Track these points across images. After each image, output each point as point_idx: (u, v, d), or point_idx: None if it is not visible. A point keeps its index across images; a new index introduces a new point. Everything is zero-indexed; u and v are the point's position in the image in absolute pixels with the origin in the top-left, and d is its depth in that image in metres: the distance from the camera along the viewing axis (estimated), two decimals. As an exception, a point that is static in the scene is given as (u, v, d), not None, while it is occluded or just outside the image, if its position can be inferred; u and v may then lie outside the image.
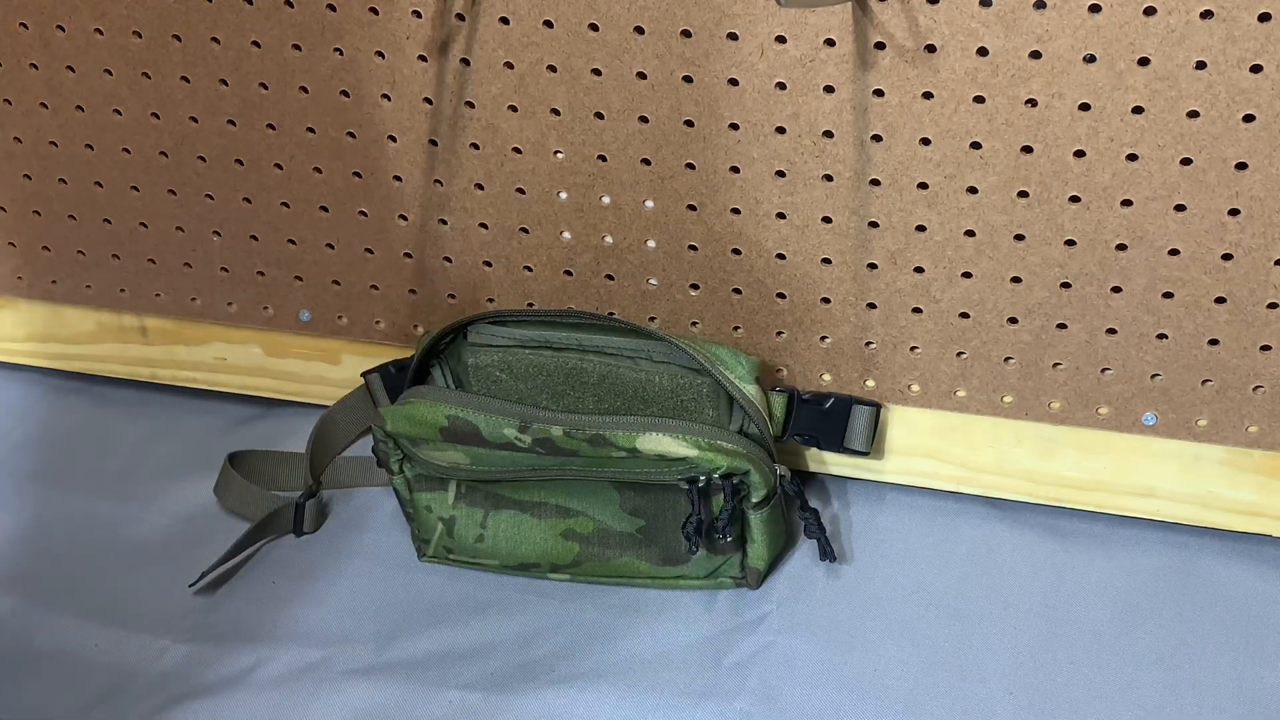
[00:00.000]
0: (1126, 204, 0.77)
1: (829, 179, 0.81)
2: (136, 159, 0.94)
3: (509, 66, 0.82)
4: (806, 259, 0.85)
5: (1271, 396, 0.82)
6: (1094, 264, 0.80)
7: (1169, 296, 0.80)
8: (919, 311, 0.85)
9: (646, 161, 0.84)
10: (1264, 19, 0.69)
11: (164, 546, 0.94)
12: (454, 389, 0.87)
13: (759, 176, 0.82)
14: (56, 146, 0.95)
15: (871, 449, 0.89)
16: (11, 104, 0.94)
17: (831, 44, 0.76)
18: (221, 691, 0.83)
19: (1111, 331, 0.82)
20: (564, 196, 0.87)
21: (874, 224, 0.82)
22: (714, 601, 0.87)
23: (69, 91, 0.92)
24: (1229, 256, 0.77)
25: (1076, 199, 0.77)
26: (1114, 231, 0.78)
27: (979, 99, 0.75)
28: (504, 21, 0.81)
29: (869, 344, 0.87)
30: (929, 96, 0.76)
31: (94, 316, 1.04)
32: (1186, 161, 0.74)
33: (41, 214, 0.99)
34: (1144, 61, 0.72)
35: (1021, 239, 0.80)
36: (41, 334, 1.06)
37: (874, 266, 0.84)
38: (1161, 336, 0.81)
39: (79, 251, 1.00)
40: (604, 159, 0.85)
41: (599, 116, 0.83)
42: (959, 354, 0.86)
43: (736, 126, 0.81)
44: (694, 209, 0.85)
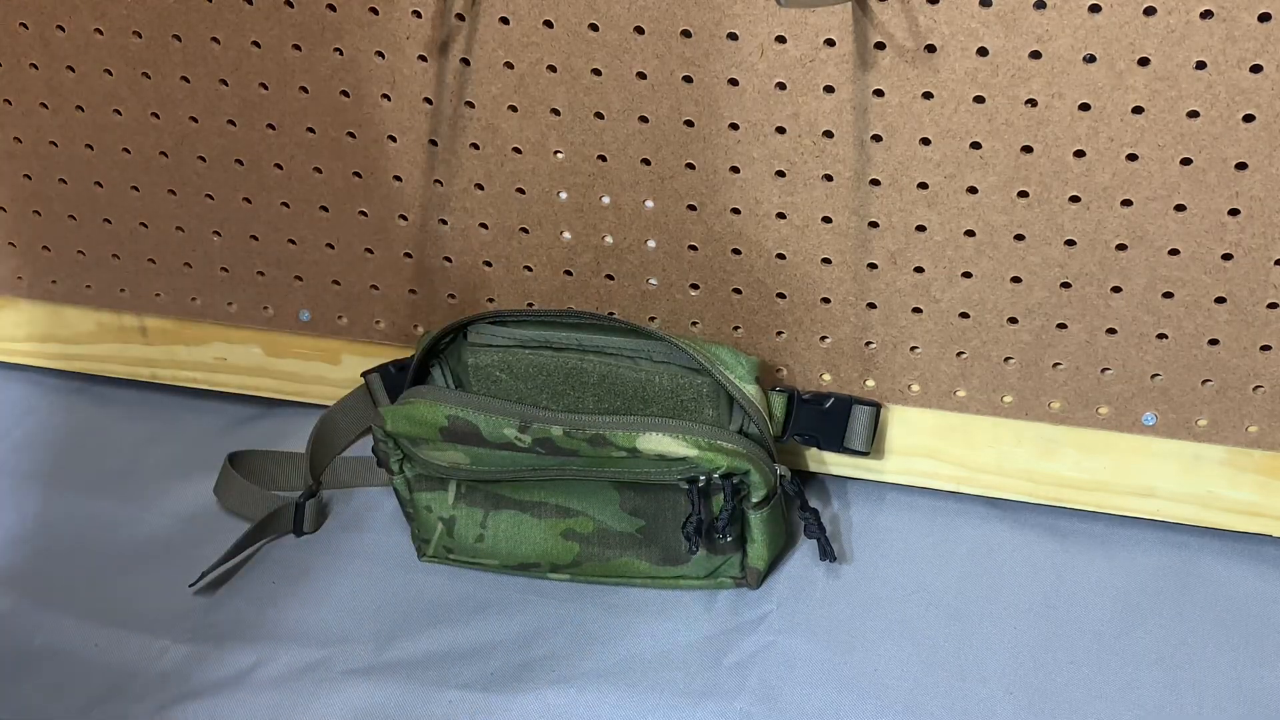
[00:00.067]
0: (1126, 204, 0.77)
1: (829, 179, 0.81)
2: (136, 159, 0.94)
3: (509, 66, 0.82)
4: (806, 259, 0.85)
5: (1271, 396, 0.82)
6: (1094, 264, 0.80)
7: (1169, 296, 0.80)
8: (919, 311, 0.85)
9: (646, 161, 0.84)
10: (1264, 19, 0.69)
11: (164, 546, 0.94)
12: (454, 389, 0.87)
13: (759, 176, 0.82)
14: (56, 146, 0.95)
15: (871, 449, 0.89)
16: (11, 104, 0.94)
17: (831, 44, 0.76)
18: (221, 691, 0.83)
19: (1111, 331, 0.82)
20: (564, 196, 0.87)
21: (874, 224, 0.82)
22: (714, 601, 0.87)
23: (69, 91, 0.92)
24: (1229, 256, 0.77)
25: (1076, 199, 0.77)
26: (1114, 231, 0.78)
27: (979, 99, 0.75)
28: (504, 21, 0.81)
29: (869, 344, 0.87)
30: (929, 96, 0.76)
31: (94, 316, 1.03)
32: (1186, 161, 0.74)
33: (41, 214, 0.99)
34: (1144, 61, 0.72)
35: (1021, 239, 0.80)
36: (41, 334, 1.06)
37: (874, 266, 0.84)
38: (1161, 336, 0.81)
39: (79, 251, 1.00)
40: (604, 159, 0.85)
41: (599, 116, 0.83)
42: (959, 354, 0.86)
43: (736, 126, 0.81)
44: (694, 209, 0.85)
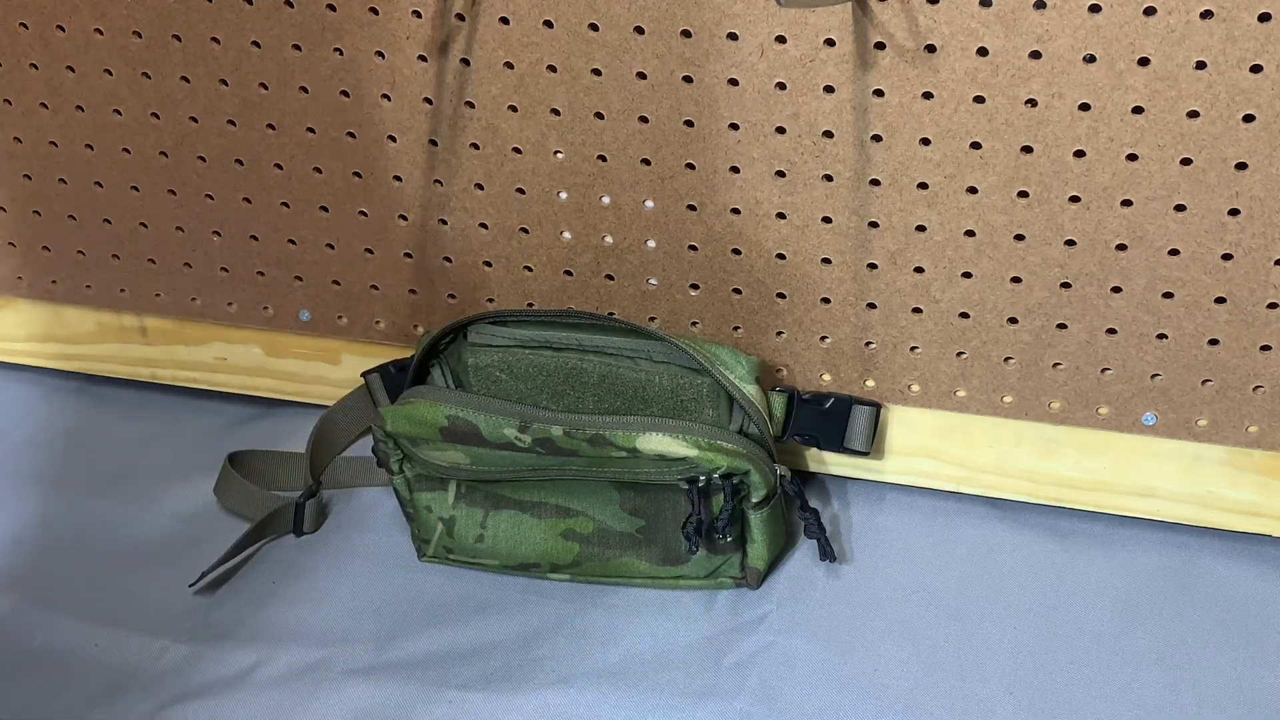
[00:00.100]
0: (1126, 204, 0.77)
1: (829, 179, 0.81)
2: (136, 159, 0.94)
3: (509, 66, 0.82)
4: (806, 259, 0.85)
5: (1271, 396, 0.82)
6: (1094, 264, 0.80)
7: (1169, 296, 0.80)
8: (919, 311, 0.85)
9: (646, 161, 0.84)
10: (1264, 19, 0.69)
11: (164, 546, 0.94)
12: (454, 389, 0.87)
13: (759, 176, 0.82)
14: (56, 146, 0.95)
15: (871, 449, 0.89)
16: (11, 104, 0.94)
17: (831, 44, 0.76)
18: (221, 691, 0.83)
19: (1111, 331, 0.82)
20: (564, 196, 0.87)
21: (874, 224, 0.82)
22: (714, 601, 0.87)
23: (69, 91, 0.92)
24: (1229, 256, 0.77)
25: (1076, 199, 0.77)
26: (1114, 231, 0.78)
27: (979, 99, 0.75)
28: (504, 21, 0.81)
29: (869, 344, 0.87)
30: (929, 96, 0.76)
31: (94, 316, 1.03)
32: (1186, 161, 0.74)
33: (41, 214, 0.99)
34: (1144, 61, 0.72)
35: (1021, 239, 0.80)
36: (41, 334, 1.06)
37: (874, 266, 0.84)
38: (1161, 336, 0.81)
39: (79, 251, 1.00)
40: (604, 159, 0.85)
41: (599, 116, 0.83)
42: (959, 354, 0.86)
43: (736, 126, 0.81)
44: (694, 209, 0.85)
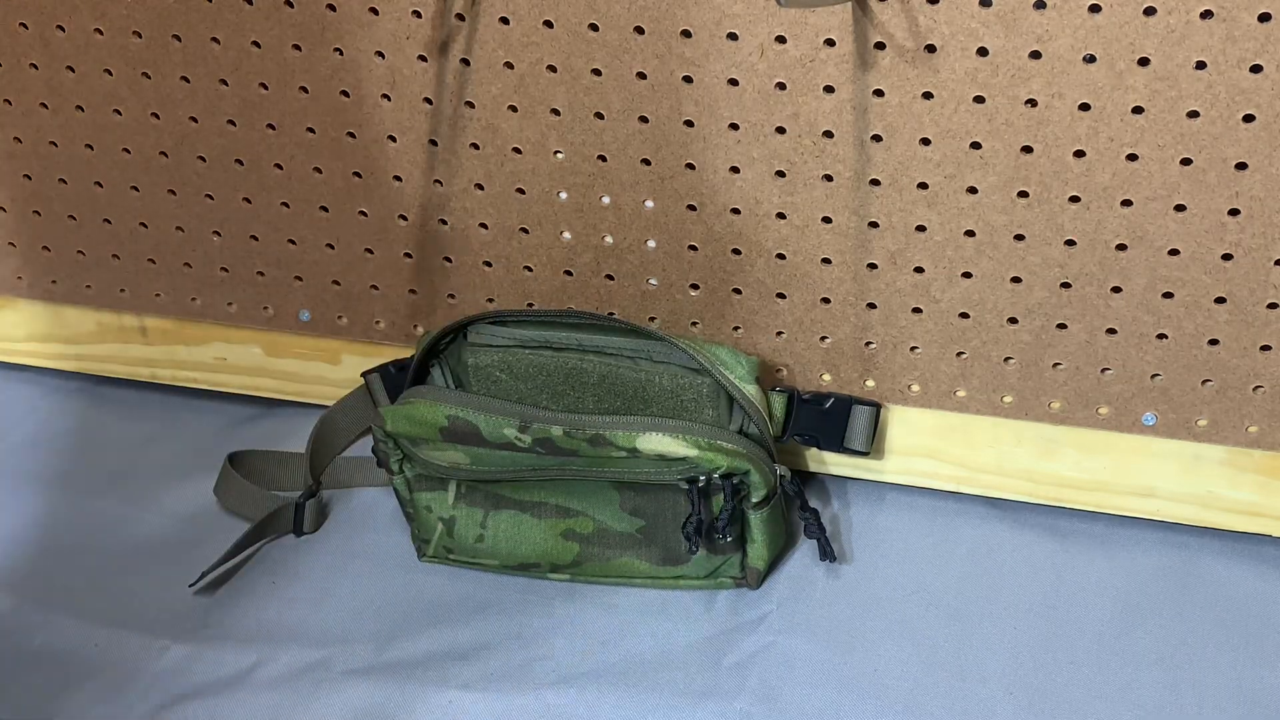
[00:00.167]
0: (1126, 204, 0.77)
1: (829, 179, 0.81)
2: (136, 159, 0.94)
3: (509, 66, 0.82)
4: (806, 259, 0.85)
5: (1271, 396, 0.82)
6: (1094, 264, 0.80)
7: (1169, 296, 0.80)
8: (919, 311, 0.85)
9: (646, 161, 0.84)
10: (1264, 19, 0.69)
11: (164, 546, 0.94)
12: (454, 389, 0.87)
13: (759, 176, 0.82)
14: (56, 146, 0.95)
15: (871, 449, 0.89)
16: (11, 104, 0.94)
17: (831, 44, 0.76)
18: (221, 691, 0.83)
19: (1111, 331, 0.82)
20: (564, 196, 0.87)
21: (874, 224, 0.82)
22: (714, 601, 0.87)
23: (69, 91, 0.92)
24: (1229, 256, 0.77)
25: (1076, 199, 0.77)
26: (1114, 231, 0.78)
27: (979, 99, 0.75)
28: (504, 21, 0.81)
29: (869, 344, 0.87)
30: (929, 96, 0.76)
31: (94, 316, 1.03)
32: (1186, 161, 0.74)
33: (41, 214, 0.99)
34: (1144, 61, 0.72)
35: (1021, 239, 0.80)
36: (41, 334, 1.06)
37: (874, 266, 0.84)
38: (1161, 336, 0.81)
39: (79, 251, 1.00)
40: (604, 159, 0.85)
41: (599, 116, 0.83)
42: (959, 354, 0.86)
43: (736, 126, 0.81)
44: (694, 209, 0.85)
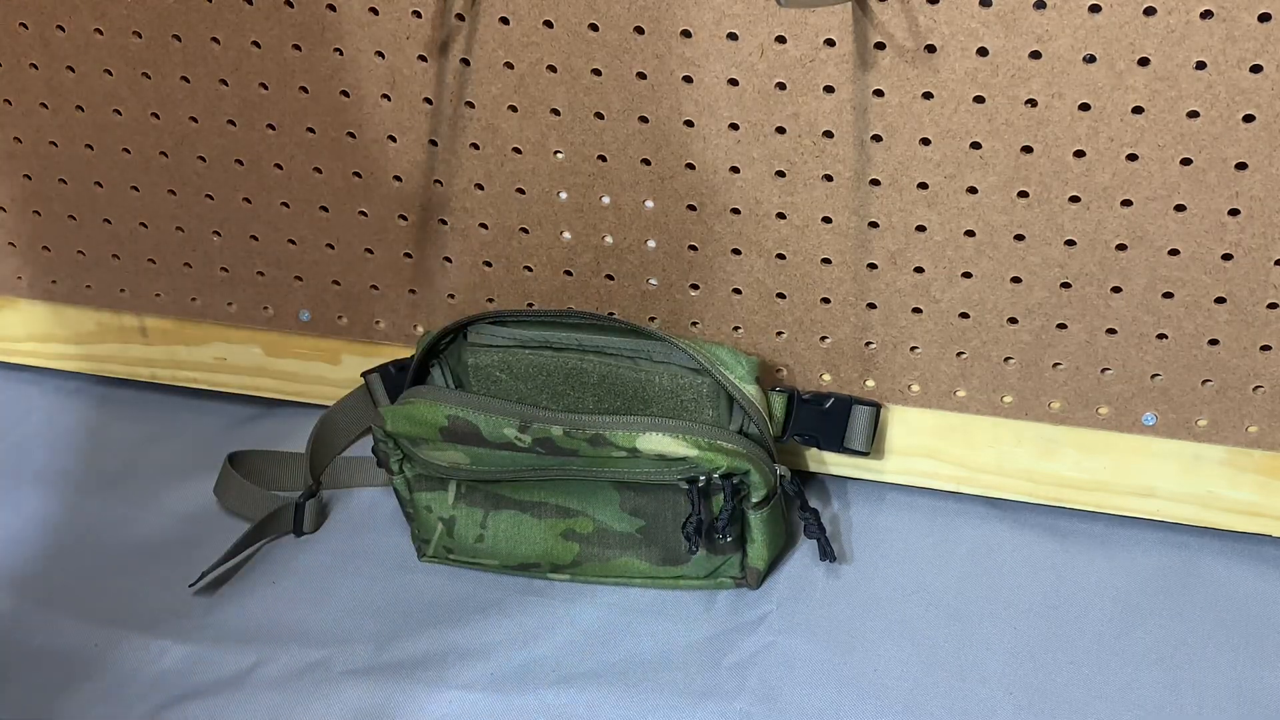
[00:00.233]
0: (1126, 204, 0.77)
1: (829, 179, 0.81)
2: (136, 159, 0.94)
3: (509, 66, 0.82)
4: (806, 259, 0.85)
5: (1271, 396, 0.82)
6: (1094, 264, 0.80)
7: (1169, 296, 0.80)
8: (919, 311, 0.85)
9: (646, 161, 0.84)
10: (1264, 19, 0.69)
11: (164, 546, 0.94)
12: (454, 389, 0.87)
13: (759, 176, 0.82)
14: (56, 146, 0.95)
15: (871, 449, 0.89)
16: (11, 104, 0.94)
17: (831, 44, 0.76)
18: (221, 691, 0.83)
19: (1111, 331, 0.82)
20: (564, 196, 0.87)
21: (874, 224, 0.82)
22: (714, 601, 0.87)
23: (69, 91, 0.92)
24: (1229, 256, 0.77)
25: (1076, 199, 0.77)
26: (1114, 231, 0.78)
27: (979, 99, 0.75)
28: (504, 21, 0.81)
29: (869, 344, 0.87)
30: (929, 96, 0.76)
31: (94, 316, 1.03)
32: (1186, 161, 0.74)
33: (41, 214, 0.99)
34: (1144, 61, 0.72)
35: (1021, 239, 0.80)
36: (41, 334, 1.06)
37: (874, 266, 0.84)
38: (1161, 336, 0.81)
39: (79, 251, 1.00)
40: (604, 159, 0.85)
41: (599, 116, 0.83)
42: (959, 354, 0.86)
43: (736, 126, 0.81)
44: (694, 209, 0.85)
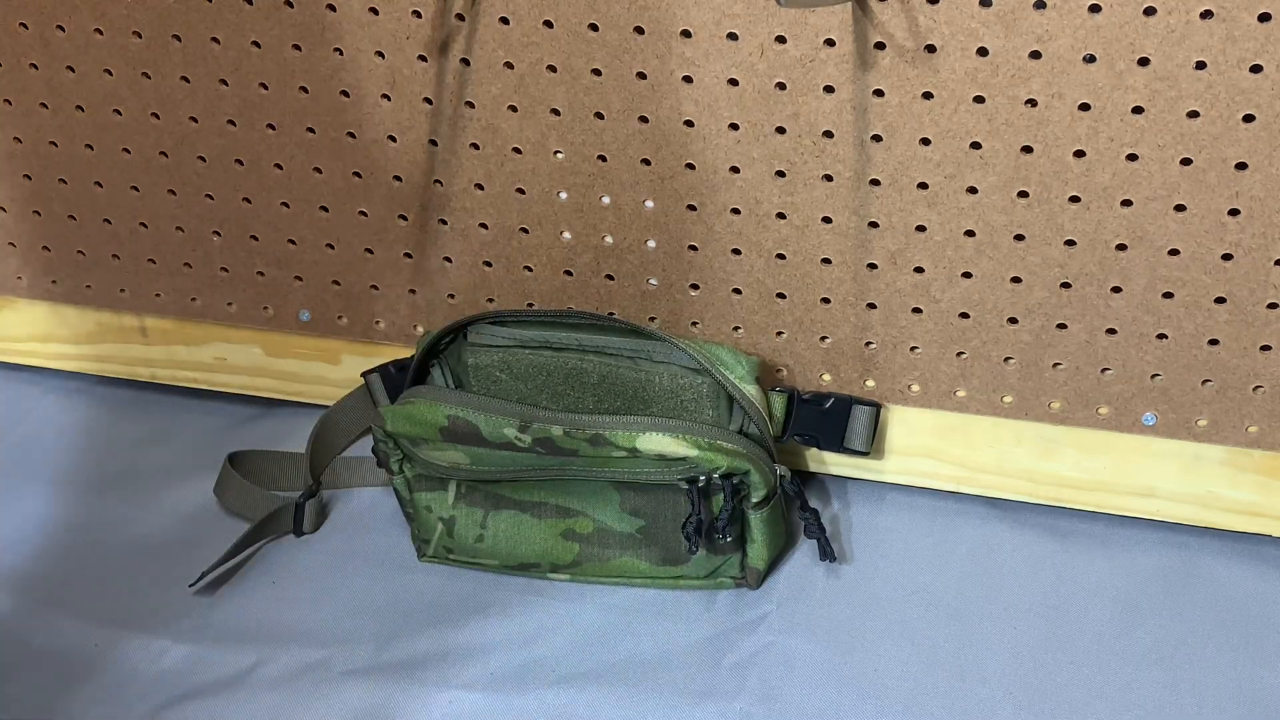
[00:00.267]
0: (1126, 204, 0.77)
1: (829, 179, 0.81)
2: (136, 159, 0.94)
3: (509, 66, 0.82)
4: (806, 259, 0.85)
5: (1271, 396, 0.82)
6: (1094, 264, 0.80)
7: (1169, 296, 0.80)
8: (919, 311, 0.85)
9: (646, 161, 0.84)
10: (1264, 19, 0.69)
11: (164, 546, 0.94)
12: (454, 389, 0.87)
13: (759, 176, 0.82)
14: (56, 146, 0.95)
15: (871, 449, 0.89)
16: (11, 104, 0.94)
17: (831, 44, 0.76)
18: (221, 691, 0.83)
19: (1111, 331, 0.82)
20: (564, 196, 0.87)
21: (874, 224, 0.82)
22: (714, 601, 0.87)
23: (69, 91, 0.92)
24: (1229, 256, 0.77)
25: (1076, 199, 0.77)
26: (1114, 231, 0.78)
27: (979, 99, 0.75)
28: (504, 21, 0.81)
29: (869, 344, 0.87)
30: (929, 96, 0.76)
31: (94, 316, 1.03)
32: (1186, 161, 0.74)
33: (41, 214, 0.99)
34: (1144, 61, 0.72)
35: (1021, 239, 0.80)
36: (41, 334, 1.06)
37: (874, 266, 0.84)
38: (1161, 336, 0.81)
39: (79, 251, 1.00)
40: (604, 159, 0.85)
41: (599, 116, 0.83)
42: (959, 354, 0.86)
43: (736, 126, 0.81)
44: (694, 209, 0.85)
